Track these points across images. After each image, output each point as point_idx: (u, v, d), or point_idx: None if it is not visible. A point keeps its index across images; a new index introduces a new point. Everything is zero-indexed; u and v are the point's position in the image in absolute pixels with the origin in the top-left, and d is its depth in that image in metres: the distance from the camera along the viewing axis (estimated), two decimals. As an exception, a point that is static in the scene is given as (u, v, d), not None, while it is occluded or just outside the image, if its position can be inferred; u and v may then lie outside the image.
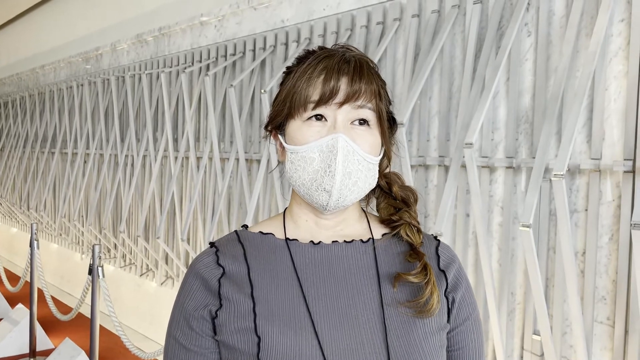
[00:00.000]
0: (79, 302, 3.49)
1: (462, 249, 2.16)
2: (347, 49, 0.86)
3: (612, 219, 1.78)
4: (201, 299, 0.83)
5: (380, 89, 0.85)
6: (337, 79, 0.80)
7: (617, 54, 1.78)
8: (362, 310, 0.81)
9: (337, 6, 2.74)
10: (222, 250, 0.86)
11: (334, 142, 0.80)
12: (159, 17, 4.38)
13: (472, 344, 0.88)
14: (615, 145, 1.77)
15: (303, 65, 0.84)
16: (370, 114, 0.82)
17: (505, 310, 2.03)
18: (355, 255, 0.85)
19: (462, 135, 2.04)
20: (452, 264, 0.89)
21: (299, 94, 0.82)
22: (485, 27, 2.12)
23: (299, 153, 0.82)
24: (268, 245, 0.86)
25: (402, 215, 0.89)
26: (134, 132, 4.20)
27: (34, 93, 6.29)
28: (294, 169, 0.83)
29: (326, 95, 0.80)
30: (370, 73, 0.83)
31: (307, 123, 0.82)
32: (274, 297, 0.81)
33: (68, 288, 5.86)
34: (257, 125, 3.22)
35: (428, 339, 0.81)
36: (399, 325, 0.81)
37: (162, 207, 3.82)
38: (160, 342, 4.19)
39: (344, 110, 0.81)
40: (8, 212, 7.10)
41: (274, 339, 0.77)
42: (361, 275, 0.84)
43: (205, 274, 0.84)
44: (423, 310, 0.81)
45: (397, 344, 0.79)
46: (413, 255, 0.85)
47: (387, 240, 0.88)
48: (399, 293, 0.83)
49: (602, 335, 1.80)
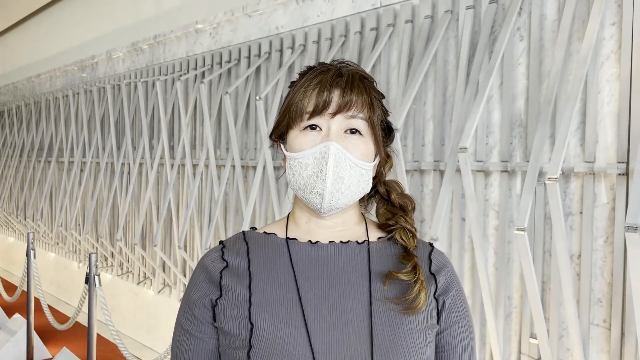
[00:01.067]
0: (76, 311, 3.48)
1: (458, 253, 2.17)
2: (345, 64, 0.93)
3: (606, 221, 1.78)
4: (204, 289, 0.91)
5: (374, 99, 0.90)
6: (330, 91, 0.87)
7: (609, 57, 1.79)
8: (352, 305, 0.87)
9: (331, 13, 2.75)
10: (227, 247, 0.94)
11: (326, 150, 0.86)
12: (154, 25, 4.39)
13: (462, 345, 0.92)
14: (609, 148, 1.78)
15: (302, 79, 0.92)
16: (362, 123, 0.89)
17: (502, 314, 2.03)
18: (349, 255, 0.91)
19: (456, 139, 2.04)
20: (444, 269, 0.93)
21: (296, 105, 0.89)
22: (478, 32, 2.13)
23: (296, 159, 0.89)
24: (270, 244, 0.93)
25: (398, 219, 0.94)
26: (130, 140, 4.20)
27: (30, 102, 6.29)
28: (292, 174, 0.90)
29: (319, 106, 0.87)
30: (361, 85, 0.89)
31: (303, 132, 0.89)
32: (270, 289, 0.88)
33: (65, 297, 5.84)
34: (253, 132, 3.23)
35: (413, 335, 0.86)
36: (386, 321, 0.86)
37: (159, 215, 3.82)
38: (157, 350, 4.17)
39: (337, 120, 0.88)
40: (5, 221, 7.08)
41: (265, 327, 0.84)
42: (354, 273, 0.90)
43: (210, 266, 0.92)
44: (410, 307, 0.86)
45: (382, 337, 0.84)
46: (406, 257, 0.90)
47: (382, 243, 0.94)
48: (388, 291, 0.88)
49: (599, 338, 1.80)
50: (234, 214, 3.32)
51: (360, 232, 0.95)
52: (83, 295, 3.24)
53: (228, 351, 0.87)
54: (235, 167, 3.10)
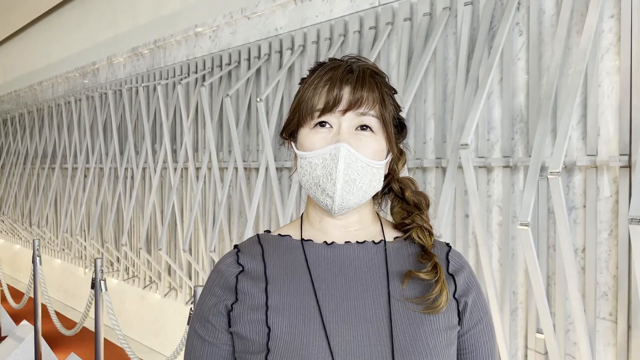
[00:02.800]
0: (82, 316, 3.49)
1: (462, 250, 2.16)
2: (356, 59, 0.90)
3: (610, 214, 1.78)
4: (219, 295, 0.89)
5: (385, 95, 0.88)
6: (340, 88, 0.85)
7: (608, 49, 1.78)
8: (370, 306, 0.85)
9: (329, 13, 2.76)
10: (242, 251, 0.92)
11: (336, 152, 0.84)
12: (153, 30, 4.40)
13: (485, 347, 0.91)
14: (611, 140, 1.77)
15: (312, 76, 0.89)
16: (374, 120, 0.87)
17: (507, 310, 2.02)
18: (366, 255, 0.89)
19: (458, 136, 2.04)
20: (462, 270, 0.92)
21: (306, 103, 0.87)
22: (476, 28, 2.13)
23: (306, 159, 0.87)
24: (285, 246, 0.92)
25: (414, 218, 0.92)
26: (133, 145, 4.21)
27: (32, 110, 6.31)
28: (303, 172, 0.88)
29: (330, 103, 0.85)
30: (372, 81, 0.87)
31: (314, 130, 0.87)
32: (287, 292, 0.86)
33: (72, 303, 5.86)
34: (255, 134, 3.23)
35: (434, 335, 0.84)
36: (405, 321, 0.84)
37: (163, 219, 3.83)
38: (165, 353, 4.18)
39: (348, 118, 0.86)
40: (10, 229, 7.11)
41: (283, 330, 0.83)
42: (371, 274, 0.88)
43: (226, 272, 0.90)
44: (431, 307, 0.84)
45: (402, 338, 0.82)
46: (424, 256, 0.89)
47: (399, 243, 0.92)
48: (407, 291, 0.87)
49: (605, 331, 1.80)
50: (238, 216, 3.32)
51: (376, 232, 0.93)
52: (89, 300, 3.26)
53: (245, 356, 0.86)
54: (237, 169, 3.11)
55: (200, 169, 3.45)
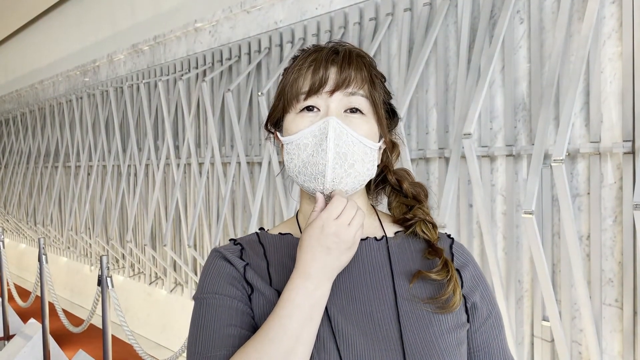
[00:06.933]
0: (89, 313, 3.51)
1: (466, 240, 2.17)
2: (340, 43, 0.86)
3: (614, 201, 1.78)
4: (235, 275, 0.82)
5: (374, 77, 0.84)
6: (326, 68, 0.81)
7: (610, 35, 1.78)
8: (377, 307, 0.81)
9: (329, 5, 2.75)
10: (245, 248, 0.87)
11: (325, 125, 0.79)
12: (153, 26, 4.39)
13: (497, 340, 0.88)
14: (614, 127, 1.77)
15: (295, 62, 0.85)
16: (363, 101, 0.82)
17: (513, 298, 2.03)
18: (369, 253, 0.85)
19: (460, 126, 2.04)
20: (468, 265, 0.89)
21: (291, 86, 0.82)
22: (477, 17, 2.12)
23: (294, 142, 0.82)
24: (286, 244, 0.88)
25: (416, 212, 0.88)
26: (135, 142, 4.21)
27: (34, 109, 6.32)
28: (290, 159, 0.83)
29: (316, 84, 0.80)
30: (360, 61, 0.83)
31: (300, 114, 0.82)
32: None
33: (79, 300, 5.89)
34: (257, 128, 3.23)
35: (444, 336, 0.80)
36: (415, 322, 0.80)
37: (167, 215, 3.84)
38: (172, 348, 4.20)
39: (336, 98, 0.81)
40: (15, 228, 7.14)
41: None
42: (375, 273, 0.84)
43: (232, 259, 0.84)
44: (445, 306, 0.81)
45: (413, 341, 0.79)
46: (432, 252, 0.85)
47: (401, 239, 0.88)
48: (414, 290, 0.83)
49: (612, 317, 1.80)
50: (242, 210, 3.33)
51: (375, 226, 0.89)
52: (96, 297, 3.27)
53: None
54: (240, 163, 3.11)
55: (203, 165, 3.45)
